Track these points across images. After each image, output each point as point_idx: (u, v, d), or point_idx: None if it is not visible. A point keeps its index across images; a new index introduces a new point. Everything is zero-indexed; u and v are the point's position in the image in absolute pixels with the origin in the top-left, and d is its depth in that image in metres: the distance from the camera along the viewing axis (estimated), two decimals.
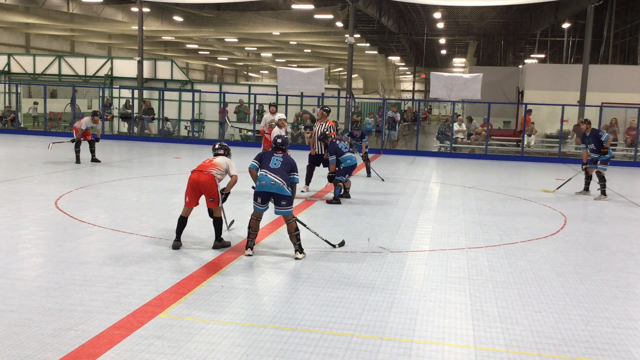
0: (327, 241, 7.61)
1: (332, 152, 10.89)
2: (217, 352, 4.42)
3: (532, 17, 34.11)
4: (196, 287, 5.87)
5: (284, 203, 6.98)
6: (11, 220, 8.56)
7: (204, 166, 7.34)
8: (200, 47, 49.83)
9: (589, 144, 12.51)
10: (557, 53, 37.68)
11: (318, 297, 5.69)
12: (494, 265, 7.04)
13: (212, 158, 7.51)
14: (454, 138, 21.12)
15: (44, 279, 6.01)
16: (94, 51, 49.79)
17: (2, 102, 25.70)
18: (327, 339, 4.72)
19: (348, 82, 23.48)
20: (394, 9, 33.88)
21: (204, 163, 7.43)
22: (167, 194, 11.06)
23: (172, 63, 26.57)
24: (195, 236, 7.80)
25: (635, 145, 20.25)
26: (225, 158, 7.55)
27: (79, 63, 27.00)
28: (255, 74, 76.94)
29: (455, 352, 4.61)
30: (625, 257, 7.76)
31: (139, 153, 18.84)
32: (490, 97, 22.53)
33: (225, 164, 7.43)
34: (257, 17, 30.86)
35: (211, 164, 7.35)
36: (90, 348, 4.40)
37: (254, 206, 7.09)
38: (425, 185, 13.78)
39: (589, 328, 5.16)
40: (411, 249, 7.75)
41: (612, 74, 23.57)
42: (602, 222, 10.37)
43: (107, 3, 31.37)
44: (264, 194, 7.00)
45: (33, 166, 14.18)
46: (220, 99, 24.02)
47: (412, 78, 60.28)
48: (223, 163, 7.41)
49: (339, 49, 40.26)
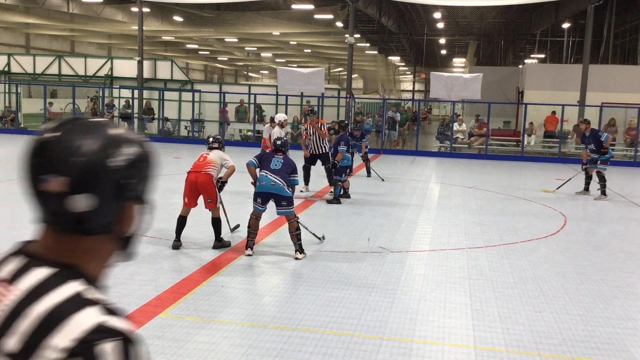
0: (314, 234, 7.76)
1: (344, 142, 11.06)
2: (217, 352, 4.42)
3: (532, 17, 34.09)
4: (196, 287, 5.87)
5: (285, 203, 7.01)
6: (11, 220, 8.56)
7: (200, 166, 7.35)
8: (200, 47, 49.82)
9: (589, 144, 12.51)
10: (557, 53, 37.68)
11: (318, 297, 5.69)
12: (494, 265, 7.04)
13: (206, 154, 7.51)
14: (454, 138, 21.12)
15: None
16: (94, 51, 49.77)
17: (2, 102, 25.70)
18: (327, 339, 4.72)
19: (348, 82, 23.47)
20: (394, 9, 33.86)
21: (199, 162, 7.43)
22: (166, 194, 11.06)
23: (172, 63, 26.57)
24: (195, 236, 7.80)
25: (635, 145, 20.25)
26: (219, 152, 7.58)
27: (79, 63, 27.00)
28: (255, 74, 76.93)
29: (455, 352, 4.60)
30: (625, 257, 7.76)
31: None
32: (490, 97, 22.52)
33: (220, 159, 7.46)
34: (257, 17, 30.85)
35: (206, 162, 7.36)
36: None
37: (254, 206, 7.11)
38: (425, 185, 13.78)
39: (589, 328, 5.16)
40: (411, 249, 7.75)
41: (612, 74, 23.56)
42: (602, 222, 10.37)
43: (107, 3, 31.35)
44: (264, 195, 7.01)
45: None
46: (220, 99, 24.02)
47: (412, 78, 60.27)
48: (217, 159, 7.44)
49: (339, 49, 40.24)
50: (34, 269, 1.09)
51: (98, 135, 1.12)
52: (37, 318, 1.02)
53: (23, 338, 1.02)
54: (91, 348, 0.99)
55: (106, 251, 1.18)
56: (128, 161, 1.12)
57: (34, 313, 1.03)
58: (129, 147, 1.13)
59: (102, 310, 1.05)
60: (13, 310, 1.05)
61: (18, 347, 1.02)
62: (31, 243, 1.15)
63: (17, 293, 1.07)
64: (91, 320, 1.02)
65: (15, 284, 1.08)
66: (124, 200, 1.14)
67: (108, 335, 1.02)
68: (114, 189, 1.11)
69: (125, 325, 1.05)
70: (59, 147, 1.09)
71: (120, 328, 1.04)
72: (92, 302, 1.05)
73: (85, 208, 1.08)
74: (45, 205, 1.10)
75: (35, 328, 1.01)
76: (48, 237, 1.13)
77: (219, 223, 7.37)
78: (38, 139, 1.12)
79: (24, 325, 1.02)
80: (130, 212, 1.16)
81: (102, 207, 1.10)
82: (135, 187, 1.15)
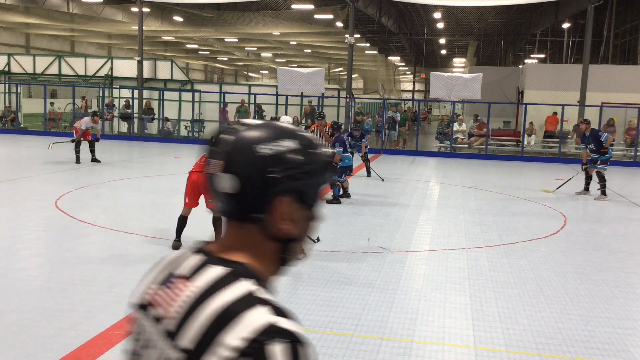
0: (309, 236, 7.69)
1: (340, 143, 11.11)
2: None
3: (532, 17, 34.10)
4: None
5: None
6: (11, 220, 8.57)
7: (202, 165, 7.36)
8: (200, 47, 49.83)
9: (589, 144, 12.51)
10: (557, 53, 37.68)
11: (318, 297, 5.68)
12: (494, 265, 7.04)
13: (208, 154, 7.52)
14: (454, 138, 21.12)
15: (44, 279, 6.01)
16: (94, 51, 49.78)
17: (2, 102, 25.70)
18: (327, 339, 4.72)
19: (348, 82, 23.47)
20: (394, 9, 33.86)
21: (200, 162, 7.44)
22: (167, 194, 11.06)
23: (172, 63, 26.56)
24: (195, 236, 7.80)
25: (635, 145, 20.25)
26: None
27: (79, 63, 26.99)
28: (255, 74, 76.93)
29: (455, 352, 4.60)
30: (625, 257, 7.76)
31: (139, 153, 18.84)
32: (490, 97, 22.52)
33: None
34: (257, 17, 30.85)
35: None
36: (90, 348, 4.40)
37: None
38: (425, 185, 13.78)
39: (589, 328, 5.16)
40: (411, 249, 7.75)
41: (612, 74, 23.56)
42: (602, 222, 10.38)
43: (107, 3, 31.35)
44: None
45: (33, 166, 14.19)
46: (220, 99, 24.02)
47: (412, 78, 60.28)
48: None
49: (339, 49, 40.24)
50: (210, 267, 1.13)
51: (262, 127, 1.16)
52: (210, 315, 1.05)
53: (197, 335, 1.04)
54: (262, 349, 1.00)
55: (269, 250, 1.19)
56: (277, 152, 1.13)
57: (207, 310, 1.05)
58: (287, 141, 1.14)
59: (273, 310, 1.06)
60: (190, 306, 1.08)
61: (192, 343, 1.04)
62: (209, 243, 1.22)
63: (193, 290, 1.10)
64: (262, 320, 1.03)
65: (193, 281, 1.12)
66: (272, 192, 1.13)
67: (278, 336, 1.02)
68: (258, 176, 1.12)
69: (295, 327, 1.05)
70: (226, 136, 1.17)
71: (290, 329, 1.04)
72: (263, 302, 1.07)
73: (228, 189, 1.13)
74: (210, 189, 1.19)
75: (208, 325, 1.04)
76: (226, 231, 1.21)
77: (220, 223, 7.37)
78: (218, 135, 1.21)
79: (198, 322, 1.05)
80: (282, 208, 1.15)
81: (246, 192, 1.12)
82: (284, 181, 1.13)
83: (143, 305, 1.19)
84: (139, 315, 1.19)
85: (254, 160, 1.12)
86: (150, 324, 1.14)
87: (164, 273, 1.20)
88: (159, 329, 1.11)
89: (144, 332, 1.16)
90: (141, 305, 1.19)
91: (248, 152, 1.12)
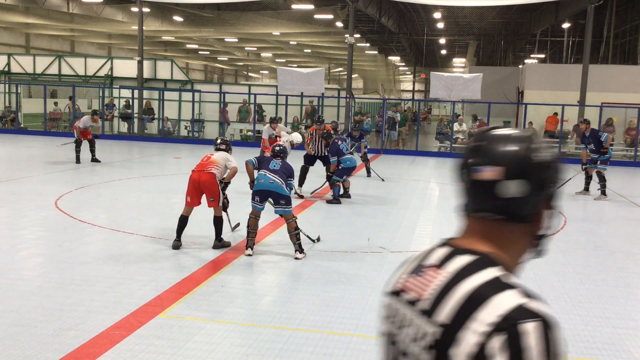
0: (308, 236, 7.71)
1: (333, 153, 10.99)
2: (217, 352, 4.42)
3: (532, 17, 34.08)
4: (196, 287, 5.88)
5: (283, 202, 7.04)
6: (11, 220, 8.57)
7: (204, 165, 7.39)
8: (200, 47, 49.81)
9: (589, 144, 12.51)
10: (557, 53, 37.66)
11: (318, 297, 5.69)
12: None
13: (211, 155, 7.56)
14: (454, 138, 21.12)
15: (44, 279, 6.01)
16: (94, 51, 49.77)
17: (2, 102, 25.70)
18: (327, 339, 4.72)
19: (348, 82, 23.47)
20: (394, 9, 33.85)
21: (203, 161, 7.46)
22: (167, 194, 11.06)
23: (172, 63, 26.56)
24: (196, 236, 7.80)
25: (635, 145, 20.25)
26: (225, 153, 7.63)
27: (79, 63, 26.98)
28: (255, 74, 76.93)
29: None
30: (625, 257, 7.76)
31: (139, 153, 18.85)
32: (490, 97, 22.51)
33: (224, 160, 7.50)
34: (257, 17, 30.85)
35: (209, 162, 7.41)
36: (90, 348, 4.40)
37: (252, 205, 7.13)
38: (425, 185, 13.78)
39: (589, 328, 5.16)
40: (411, 249, 7.75)
41: (612, 74, 23.55)
42: (602, 222, 10.38)
43: (107, 3, 31.34)
44: (262, 192, 7.05)
45: (33, 166, 14.19)
46: (220, 99, 24.02)
47: (412, 78, 60.27)
48: (221, 160, 7.48)
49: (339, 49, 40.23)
50: (458, 256, 1.27)
51: (522, 137, 1.31)
52: (463, 296, 1.18)
53: (452, 312, 1.18)
54: (515, 326, 1.11)
55: (521, 244, 1.32)
56: (551, 158, 1.30)
57: (460, 292, 1.19)
58: (546, 151, 1.31)
59: (522, 293, 1.18)
60: (442, 289, 1.22)
61: (448, 319, 1.18)
62: (453, 239, 1.36)
63: (445, 275, 1.25)
64: (513, 301, 1.15)
65: (443, 268, 1.27)
66: (543, 195, 1.29)
67: (529, 315, 1.13)
68: (538, 181, 1.27)
69: (545, 309, 1.16)
70: (492, 145, 1.29)
71: (540, 311, 1.15)
72: (510, 286, 1.19)
73: (515, 194, 1.25)
74: (477, 194, 1.30)
75: (462, 304, 1.17)
76: (471, 228, 1.33)
77: (220, 222, 7.38)
78: (471, 145, 1.36)
79: (452, 301, 1.19)
80: (545, 209, 1.31)
81: (529, 195, 1.26)
82: (551, 185, 1.30)
83: (396, 292, 1.35)
84: (392, 301, 1.36)
85: (535, 166, 1.27)
86: (404, 307, 1.30)
87: (413, 265, 1.37)
88: (414, 310, 1.27)
89: (398, 315, 1.32)
90: (394, 292, 1.36)
91: (529, 159, 1.26)
